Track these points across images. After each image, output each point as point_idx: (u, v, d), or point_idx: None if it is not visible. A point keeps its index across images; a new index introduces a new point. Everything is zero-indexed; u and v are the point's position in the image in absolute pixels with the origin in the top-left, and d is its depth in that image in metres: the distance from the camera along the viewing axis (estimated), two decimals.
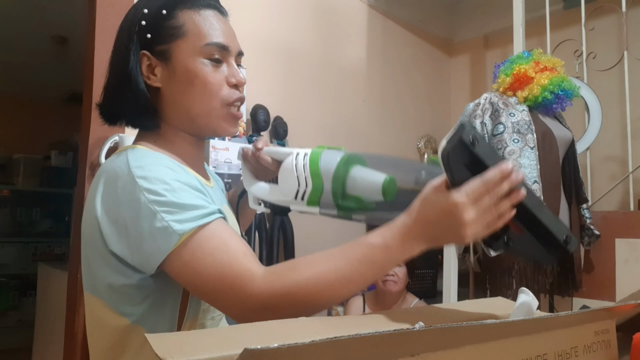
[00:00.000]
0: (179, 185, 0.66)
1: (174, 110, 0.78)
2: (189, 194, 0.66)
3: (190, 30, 0.75)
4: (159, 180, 0.65)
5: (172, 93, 0.77)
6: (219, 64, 0.77)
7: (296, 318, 0.54)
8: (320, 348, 0.36)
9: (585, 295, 1.94)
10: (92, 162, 1.78)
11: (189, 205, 0.64)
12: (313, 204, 0.74)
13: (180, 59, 0.75)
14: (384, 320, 0.60)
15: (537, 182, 1.73)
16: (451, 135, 0.56)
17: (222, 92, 0.76)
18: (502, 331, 0.48)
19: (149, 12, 0.75)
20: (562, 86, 1.83)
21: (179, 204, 0.64)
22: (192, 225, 0.63)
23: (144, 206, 0.64)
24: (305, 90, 2.45)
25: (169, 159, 0.72)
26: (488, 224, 0.59)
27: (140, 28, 0.75)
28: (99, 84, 1.77)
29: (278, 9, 2.34)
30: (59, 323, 1.96)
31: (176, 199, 0.64)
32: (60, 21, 3.13)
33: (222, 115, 0.77)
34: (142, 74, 0.76)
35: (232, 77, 0.78)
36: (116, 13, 1.84)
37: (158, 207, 0.63)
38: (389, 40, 2.90)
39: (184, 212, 0.64)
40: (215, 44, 0.76)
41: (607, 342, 0.60)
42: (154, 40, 0.75)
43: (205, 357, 0.41)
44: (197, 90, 0.75)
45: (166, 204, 0.64)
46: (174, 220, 0.63)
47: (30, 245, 4.19)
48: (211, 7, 0.78)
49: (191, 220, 0.63)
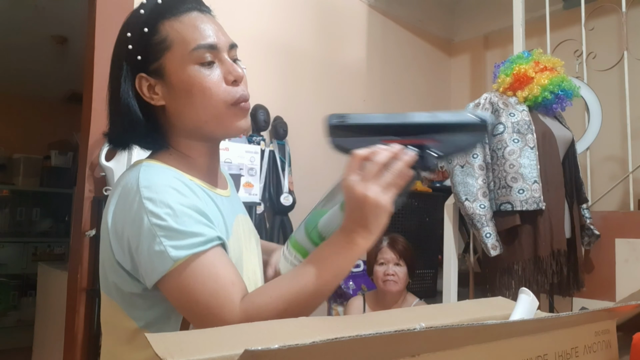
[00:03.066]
0: (182, 210, 0.67)
1: (182, 123, 0.77)
2: (191, 220, 0.68)
3: (175, 40, 0.74)
4: (164, 204, 0.67)
5: (176, 107, 0.76)
6: (211, 65, 0.75)
7: (296, 318, 0.54)
8: (320, 349, 0.36)
9: (585, 295, 1.95)
10: (92, 162, 1.78)
11: (188, 232, 0.66)
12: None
13: (173, 71, 0.74)
14: (385, 320, 0.60)
15: (537, 182, 1.73)
16: (325, 131, 0.64)
17: (222, 92, 0.75)
18: (502, 331, 0.48)
19: (132, 34, 0.75)
20: (562, 86, 1.83)
21: (178, 230, 0.66)
22: (188, 252, 0.65)
23: (146, 227, 0.66)
24: (305, 90, 2.45)
25: (178, 178, 0.73)
26: (390, 183, 0.63)
27: (129, 52, 0.75)
28: (99, 84, 1.78)
29: (278, 9, 2.34)
30: (59, 323, 1.96)
31: (177, 224, 0.66)
32: (60, 21, 3.13)
33: (229, 116, 0.76)
34: (145, 96, 0.76)
35: (228, 74, 0.75)
36: (116, 13, 1.84)
37: (159, 230, 0.66)
38: (389, 40, 2.90)
39: (182, 239, 0.66)
40: (201, 47, 0.74)
41: (607, 342, 0.60)
42: (145, 61, 0.75)
43: (205, 357, 0.41)
44: (197, 98, 0.74)
45: (166, 229, 0.66)
46: (171, 245, 0.65)
47: (30, 245, 4.19)
48: (190, 10, 0.76)
49: (187, 248, 0.65)
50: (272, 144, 2.19)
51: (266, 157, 2.13)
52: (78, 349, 1.74)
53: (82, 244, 1.75)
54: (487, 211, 1.77)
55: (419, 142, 0.61)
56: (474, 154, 1.80)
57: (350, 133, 0.63)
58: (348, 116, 0.63)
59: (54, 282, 2.49)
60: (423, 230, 2.47)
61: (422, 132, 0.62)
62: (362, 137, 0.61)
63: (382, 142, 0.61)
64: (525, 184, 1.72)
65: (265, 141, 2.16)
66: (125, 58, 0.76)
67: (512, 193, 1.73)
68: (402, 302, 1.86)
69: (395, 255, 1.83)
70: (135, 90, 0.76)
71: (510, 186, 1.74)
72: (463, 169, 1.81)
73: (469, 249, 2.21)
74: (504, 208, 1.76)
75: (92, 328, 1.73)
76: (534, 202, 1.72)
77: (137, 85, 0.76)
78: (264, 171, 2.10)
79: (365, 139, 0.61)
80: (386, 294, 1.84)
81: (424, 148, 0.60)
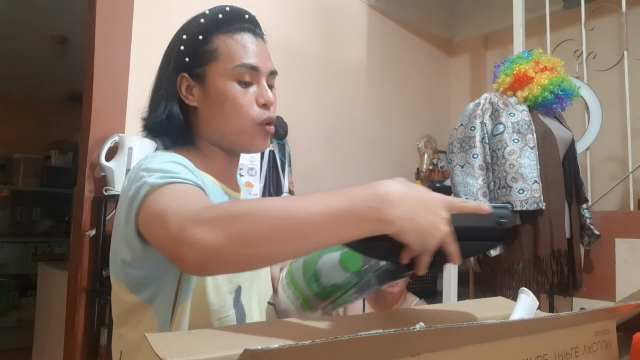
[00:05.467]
0: (173, 167, 0.70)
1: (208, 128, 0.83)
2: (178, 168, 0.70)
3: (223, 53, 0.80)
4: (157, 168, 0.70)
5: (207, 112, 0.82)
6: (248, 85, 0.81)
7: (296, 318, 0.54)
8: (320, 349, 0.36)
9: (585, 295, 1.95)
10: (92, 162, 1.78)
11: (171, 170, 0.69)
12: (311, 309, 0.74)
13: (213, 80, 0.80)
14: (384, 320, 0.60)
15: (537, 182, 1.73)
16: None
17: (251, 112, 0.80)
18: (502, 331, 0.48)
19: (187, 37, 0.82)
20: (562, 86, 1.83)
21: (162, 169, 0.69)
22: (164, 180, 0.67)
23: (136, 177, 0.70)
24: (305, 90, 2.45)
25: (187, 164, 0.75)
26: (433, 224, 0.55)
27: (180, 52, 0.82)
28: (99, 84, 1.78)
29: (278, 9, 2.34)
30: (59, 323, 1.96)
31: (163, 167, 0.69)
32: (60, 21, 3.13)
33: (252, 134, 0.82)
34: (182, 94, 0.82)
35: (260, 97, 0.81)
36: (116, 13, 1.84)
37: (145, 172, 0.69)
38: (389, 40, 2.90)
39: (163, 173, 0.68)
40: (243, 65, 0.80)
41: (607, 342, 0.60)
42: (191, 63, 0.81)
43: (205, 357, 0.41)
44: (227, 111, 0.80)
45: (152, 170, 0.69)
46: (151, 178, 0.67)
47: (30, 245, 4.18)
48: (245, 31, 0.82)
49: (165, 178, 0.67)
50: (272, 144, 2.19)
51: (266, 157, 2.13)
52: (78, 349, 1.74)
53: (82, 244, 1.75)
54: None
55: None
56: (474, 154, 1.80)
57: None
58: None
59: (54, 282, 2.48)
60: None
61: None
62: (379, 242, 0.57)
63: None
64: (525, 184, 1.72)
65: None
66: (175, 56, 0.82)
67: (512, 193, 1.73)
68: (402, 302, 1.87)
69: None
70: (175, 87, 0.82)
71: (510, 186, 1.74)
72: (463, 169, 1.81)
73: None
74: None
75: (92, 328, 1.73)
76: (534, 202, 1.72)
77: (178, 82, 0.82)
78: (264, 171, 2.10)
79: (381, 247, 0.57)
80: (386, 294, 1.84)
81: (438, 253, 0.57)
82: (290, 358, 0.35)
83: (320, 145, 2.48)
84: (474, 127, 1.83)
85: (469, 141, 1.82)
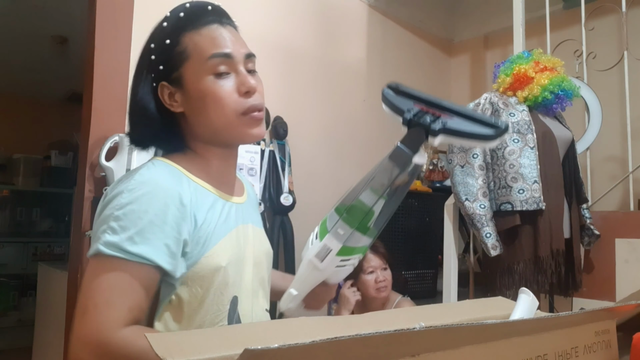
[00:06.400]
0: (148, 215, 0.69)
1: (199, 129, 0.82)
2: (149, 227, 0.69)
3: (193, 51, 0.78)
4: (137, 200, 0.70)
5: (193, 114, 0.80)
6: (226, 76, 0.79)
7: (296, 318, 0.54)
8: (320, 348, 0.36)
9: (585, 295, 1.94)
10: (92, 162, 1.78)
11: (131, 234, 0.68)
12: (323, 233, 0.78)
13: (191, 81, 0.78)
14: (385, 320, 0.60)
15: (537, 182, 1.73)
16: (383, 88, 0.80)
17: (233, 103, 0.78)
18: (502, 331, 0.48)
19: (155, 45, 0.80)
20: (562, 86, 1.83)
21: (125, 227, 0.68)
22: (111, 252, 0.67)
23: (108, 210, 0.71)
24: (305, 90, 2.45)
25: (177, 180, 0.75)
26: None
27: (152, 62, 0.80)
28: (99, 84, 1.78)
29: (278, 9, 2.34)
30: (59, 323, 1.96)
31: (129, 222, 0.68)
32: (60, 21, 3.12)
33: (240, 125, 0.80)
34: (166, 103, 0.80)
35: (241, 85, 0.79)
36: (116, 13, 1.84)
37: (112, 220, 0.69)
38: (389, 40, 2.90)
39: (120, 237, 0.68)
40: (215, 56, 0.77)
41: (607, 342, 0.60)
42: (167, 70, 0.79)
43: (205, 357, 0.41)
44: (210, 107, 0.78)
45: (118, 220, 0.69)
46: (104, 240, 0.68)
47: (30, 245, 4.18)
48: (210, 23, 0.80)
49: (114, 248, 0.67)
50: (272, 144, 2.19)
51: (266, 157, 2.13)
52: None
53: (82, 244, 1.75)
54: (487, 211, 1.77)
55: (437, 114, 0.72)
56: (474, 154, 1.80)
57: (398, 93, 0.79)
58: (400, 86, 0.79)
59: (54, 282, 2.48)
60: (423, 230, 2.47)
61: (447, 111, 0.74)
62: (402, 97, 0.78)
63: (412, 103, 0.75)
64: (525, 184, 1.72)
65: (265, 141, 2.16)
66: (147, 67, 0.81)
67: (512, 193, 1.73)
68: (386, 302, 1.88)
69: (381, 260, 1.86)
70: (158, 97, 0.81)
71: (510, 186, 1.74)
72: (463, 169, 1.81)
73: (469, 249, 2.21)
74: (504, 208, 1.76)
75: None
76: (534, 202, 1.72)
77: (159, 92, 0.80)
78: (264, 171, 2.10)
79: (403, 100, 0.77)
80: (376, 299, 1.86)
81: (438, 118, 0.71)
82: (290, 358, 0.35)
83: (320, 145, 2.48)
84: None
85: None
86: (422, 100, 0.76)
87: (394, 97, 0.78)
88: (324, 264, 0.77)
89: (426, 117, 0.72)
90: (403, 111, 0.74)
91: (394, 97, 0.78)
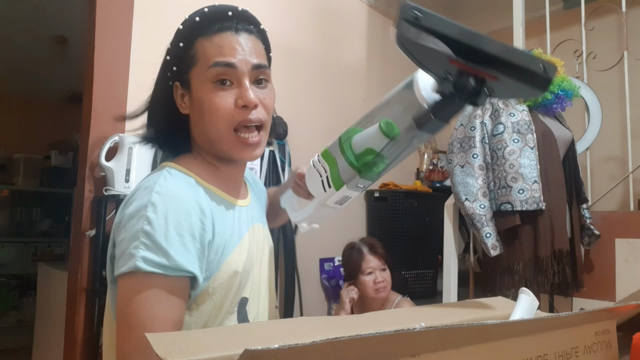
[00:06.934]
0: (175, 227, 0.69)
1: (198, 135, 0.81)
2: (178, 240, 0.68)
3: (200, 57, 0.77)
4: (163, 214, 0.69)
5: (195, 119, 0.80)
6: (229, 87, 0.76)
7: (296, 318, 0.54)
8: (320, 348, 0.36)
9: (585, 295, 1.94)
10: (92, 162, 1.78)
11: (164, 250, 0.67)
12: (338, 183, 0.76)
13: (195, 86, 0.78)
14: (385, 320, 0.60)
15: (537, 182, 1.73)
16: (396, 20, 0.55)
17: (226, 115, 0.76)
18: (503, 331, 0.48)
19: (171, 46, 0.80)
20: (562, 86, 1.83)
21: (158, 244, 0.67)
22: (149, 268, 0.66)
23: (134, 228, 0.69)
24: (305, 90, 2.45)
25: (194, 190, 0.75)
26: None
27: (167, 62, 0.81)
28: (99, 84, 1.78)
29: (278, 9, 2.34)
30: (59, 323, 1.96)
31: (160, 238, 0.67)
32: (60, 21, 3.13)
33: (230, 141, 0.77)
34: (177, 103, 0.81)
35: (239, 98, 0.76)
36: (116, 13, 1.84)
37: (142, 236, 0.68)
38: (389, 40, 2.89)
39: (155, 254, 0.67)
40: (216, 64, 0.75)
41: (607, 342, 0.60)
42: (179, 72, 0.80)
43: (205, 357, 0.41)
44: (206, 116, 0.76)
45: (149, 237, 0.67)
46: (141, 255, 0.67)
47: (30, 245, 4.18)
48: (224, 30, 0.78)
49: (153, 265, 0.66)
50: (272, 144, 2.19)
51: (266, 157, 2.13)
52: (78, 349, 1.73)
53: (82, 244, 1.75)
54: (487, 211, 1.77)
55: (482, 75, 0.57)
56: (474, 154, 1.80)
57: (421, 33, 0.55)
58: (425, 15, 0.55)
59: (54, 282, 2.48)
60: (423, 230, 2.47)
61: (489, 62, 0.57)
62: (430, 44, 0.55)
63: (448, 60, 0.56)
64: (525, 184, 1.72)
65: None
66: (164, 65, 0.82)
67: (512, 193, 1.73)
68: (386, 302, 1.88)
69: (380, 261, 1.87)
70: (173, 96, 0.81)
71: (510, 186, 1.74)
72: (463, 169, 1.81)
73: (469, 249, 2.21)
74: (504, 208, 1.76)
75: (92, 328, 1.73)
76: (534, 202, 1.72)
77: (174, 92, 0.81)
78: (264, 171, 2.10)
79: (432, 50, 0.56)
80: (375, 300, 1.86)
81: (483, 83, 0.57)
82: (290, 358, 0.35)
83: (320, 145, 2.47)
84: (474, 127, 1.83)
85: (469, 141, 1.82)
86: (461, 50, 0.56)
87: (422, 41, 0.55)
88: (342, 206, 0.81)
89: (469, 82, 0.57)
90: (440, 76, 0.59)
91: (421, 38, 0.56)
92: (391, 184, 2.54)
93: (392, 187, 2.52)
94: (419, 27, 0.55)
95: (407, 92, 0.67)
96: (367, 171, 0.72)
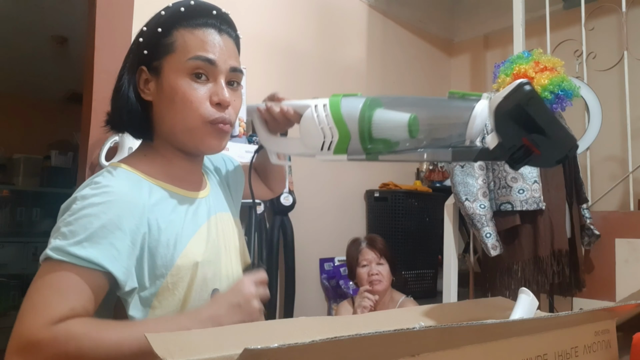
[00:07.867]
0: (101, 221, 0.68)
1: (162, 125, 0.80)
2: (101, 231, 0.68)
3: (179, 46, 0.77)
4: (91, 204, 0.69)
5: (160, 108, 0.79)
6: (203, 81, 0.77)
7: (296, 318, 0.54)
8: (320, 348, 0.36)
9: (585, 295, 1.94)
10: (92, 162, 1.78)
11: (81, 239, 0.67)
12: (340, 152, 0.77)
13: (167, 74, 0.77)
14: (385, 320, 0.60)
15: (537, 182, 1.73)
16: (508, 94, 0.59)
17: (202, 109, 0.76)
18: (502, 331, 0.48)
19: (147, 29, 0.79)
20: (562, 86, 1.83)
21: (75, 232, 0.67)
22: (57, 257, 0.66)
23: (62, 216, 0.70)
24: (305, 90, 2.45)
25: (132, 186, 0.74)
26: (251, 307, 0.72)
27: (139, 45, 0.79)
28: (99, 84, 1.78)
29: (278, 9, 2.34)
30: None
31: (80, 228, 0.67)
32: (60, 21, 3.12)
33: (203, 132, 0.78)
34: (139, 87, 0.80)
35: (215, 95, 0.77)
36: (116, 13, 1.84)
37: (63, 225, 0.68)
38: (389, 40, 2.90)
39: (71, 239, 0.67)
40: (197, 58, 0.76)
41: (607, 342, 0.60)
42: (150, 57, 0.78)
43: (205, 357, 0.41)
44: (177, 106, 0.76)
45: (69, 225, 0.68)
46: (57, 240, 0.67)
47: (30, 245, 4.18)
48: (208, 26, 0.78)
49: (62, 253, 0.66)
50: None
51: None
52: None
53: None
54: (487, 211, 1.77)
55: (535, 151, 0.62)
56: None
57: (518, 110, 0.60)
58: (534, 100, 0.60)
59: None
60: (423, 230, 2.47)
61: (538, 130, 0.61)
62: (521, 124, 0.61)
63: (522, 138, 0.61)
64: (525, 184, 1.72)
65: None
66: (134, 48, 0.80)
67: (512, 193, 1.73)
68: (388, 300, 1.86)
69: (376, 254, 1.85)
70: (134, 80, 0.80)
71: (510, 186, 1.74)
72: (463, 169, 1.81)
73: (469, 249, 2.21)
74: (504, 208, 1.76)
75: None
76: (534, 202, 1.72)
77: (137, 75, 0.80)
78: None
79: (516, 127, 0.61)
80: (373, 294, 1.85)
81: (530, 155, 0.62)
82: (290, 358, 0.35)
83: None
84: None
85: None
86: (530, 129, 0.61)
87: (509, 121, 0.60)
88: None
89: (520, 153, 0.62)
90: (507, 145, 0.63)
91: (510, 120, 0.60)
92: (391, 184, 2.54)
93: (392, 187, 2.52)
94: (520, 107, 0.59)
95: (461, 113, 0.67)
96: (374, 157, 0.74)
